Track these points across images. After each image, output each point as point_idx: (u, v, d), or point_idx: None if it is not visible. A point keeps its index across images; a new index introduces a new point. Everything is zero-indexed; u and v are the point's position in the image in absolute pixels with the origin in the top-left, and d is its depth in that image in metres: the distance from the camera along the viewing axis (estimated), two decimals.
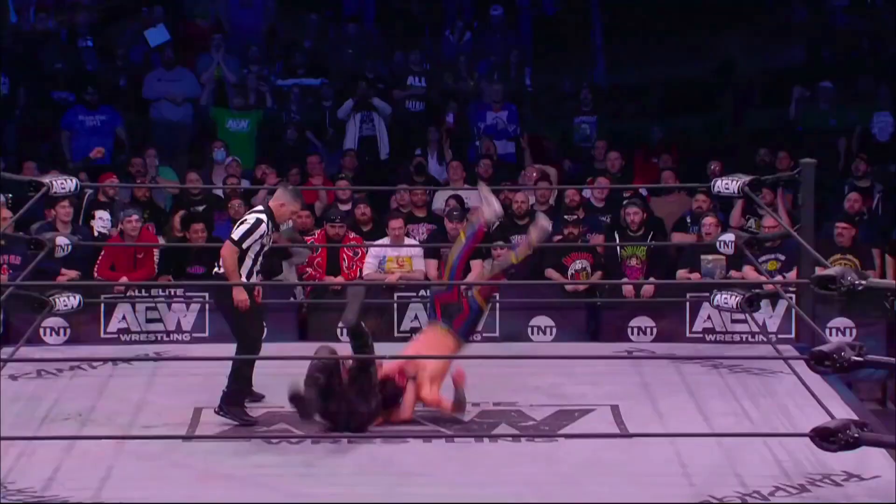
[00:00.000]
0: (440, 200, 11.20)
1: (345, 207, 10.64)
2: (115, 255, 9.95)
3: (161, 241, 10.34)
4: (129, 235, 9.88)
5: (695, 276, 9.75)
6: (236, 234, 7.17)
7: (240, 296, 7.14)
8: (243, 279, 7.13)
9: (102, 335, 9.61)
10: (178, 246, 10.06)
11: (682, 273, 9.92)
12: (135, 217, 9.89)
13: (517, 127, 12.77)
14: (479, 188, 7.94)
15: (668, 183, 11.05)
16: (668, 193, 11.22)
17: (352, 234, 10.11)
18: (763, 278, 9.16)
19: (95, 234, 10.29)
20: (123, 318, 9.66)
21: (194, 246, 9.89)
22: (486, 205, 7.64)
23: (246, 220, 7.24)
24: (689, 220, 10.45)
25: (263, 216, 7.21)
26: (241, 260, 7.15)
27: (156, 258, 10.17)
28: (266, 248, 7.25)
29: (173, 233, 10.45)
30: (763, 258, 9.75)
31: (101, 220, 10.33)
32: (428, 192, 10.99)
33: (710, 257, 9.25)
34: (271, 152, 12.44)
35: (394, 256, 9.97)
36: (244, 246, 7.15)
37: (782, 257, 9.81)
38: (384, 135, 12.61)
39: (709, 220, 9.88)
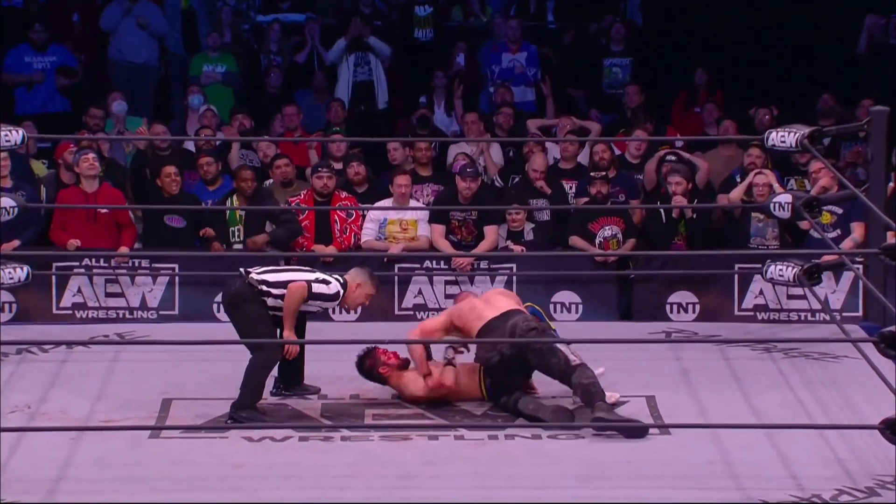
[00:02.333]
0: (449, 157, 11.17)
1: (336, 166, 10.61)
2: (68, 214, 9.73)
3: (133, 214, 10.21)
4: (87, 175, 9.75)
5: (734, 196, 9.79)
6: (316, 287, 7.60)
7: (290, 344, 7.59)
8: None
9: (55, 311, 9.63)
10: (154, 207, 9.94)
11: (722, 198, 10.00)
12: (91, 155, 9.82)
13: (538, 71, 12.73)
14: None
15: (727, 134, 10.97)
16: (713, 147, 11.16)
17: (343, 194, 10.08)
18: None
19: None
20: (79, 291, 9.68)
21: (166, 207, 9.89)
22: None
23: (330, 285, 7.63)
24: (738, 180, 10.42)
25: (342, 291, 7.66)
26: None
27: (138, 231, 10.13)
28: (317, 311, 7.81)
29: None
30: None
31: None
32: (434, 148, 10.95)
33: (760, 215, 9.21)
34: (250, 100, 12.41)
35: (396, 219, 9.96)
36: (309, 303, 7.62)
37: (838, 210, 9.74)
38: (382, 80, 12.57)
39: (760, 178, 9.82)
